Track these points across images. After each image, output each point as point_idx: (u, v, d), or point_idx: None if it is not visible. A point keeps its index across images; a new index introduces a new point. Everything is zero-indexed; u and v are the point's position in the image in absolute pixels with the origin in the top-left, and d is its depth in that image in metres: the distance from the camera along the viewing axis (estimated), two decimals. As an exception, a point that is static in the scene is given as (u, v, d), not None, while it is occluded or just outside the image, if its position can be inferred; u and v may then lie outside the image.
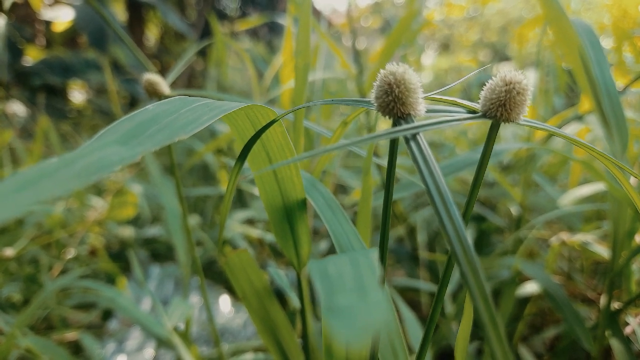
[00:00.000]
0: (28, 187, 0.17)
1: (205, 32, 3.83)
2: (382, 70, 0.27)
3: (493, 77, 0.27)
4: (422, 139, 0.25)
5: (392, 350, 0.33)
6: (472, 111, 0.29)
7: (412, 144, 0.24)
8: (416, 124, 0.25)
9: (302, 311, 0.48)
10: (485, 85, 0.28)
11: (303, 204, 0.41)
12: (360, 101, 0.30)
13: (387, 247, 0.30)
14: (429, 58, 3.18)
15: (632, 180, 0.63)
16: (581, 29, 0.55)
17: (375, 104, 0.27)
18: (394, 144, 0.29)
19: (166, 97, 0.53)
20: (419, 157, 0.24)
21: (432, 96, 0.31)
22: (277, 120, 0.33)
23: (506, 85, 0.26)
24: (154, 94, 0.52)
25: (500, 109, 0.27)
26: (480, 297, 0.20)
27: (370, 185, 0.43)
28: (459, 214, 0.22)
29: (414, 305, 1.07)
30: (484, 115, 0.28)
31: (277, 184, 0.39)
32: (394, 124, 0.27)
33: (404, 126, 0.24)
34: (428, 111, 0.28)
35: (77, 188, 0.18)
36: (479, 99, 0.28)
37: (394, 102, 0.26)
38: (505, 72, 0.27)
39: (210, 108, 0.27)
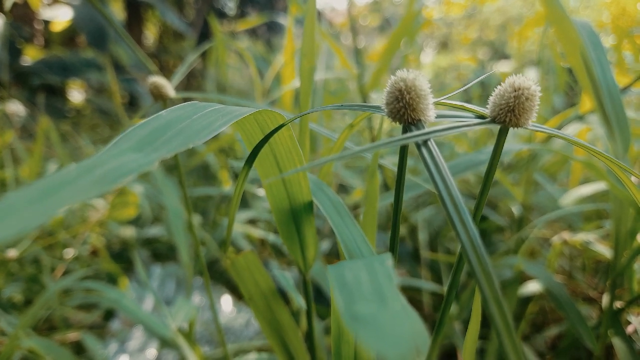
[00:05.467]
0: (51, 195, 0.17)
1: (204, 31, 3.82)
2: (392, 77, 0.27)
3: (502, 83, 0.27)
4: (433, 144, 0.25)
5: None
6: (481, 116, 0.29)
7: (424, 149, 0.25)
8: (427, 130, 0.25)
9: (308, 312, 0.49)
10: (485, 84, 0.28)
11: (310, 206, 0.41)
12: (370, 107, 0.31)
13: (397, 251, 0.30)
14: (428, 56, 3.19)
15: (634, 179, 0.63)
16: (582, 28, 0.55)
17: (386, 110, 0.27)
18: (404, 149, 0.29)
19: (171, 99, 0.54)
20: (431, 163, 0.24)
21: (440, 101, 0.31)
22: (285, 125, 0.33)
23: (515, 91, 0.27)
24: (159, 97, 0.52)
25: (509, 115, 0.27)
26: (494, 301, 0.20)
27: (376, 188, 0.43)
28: (472, 219, 0.22)
29: (416, 304, 1.08)
30: (493, 121, 0.28)
31: (284, 186, 0.40)
32: (404, 130, 0.27)
33: (416, 132, 0.25)
34: (437, 116, 0.29)
35: (98, 195, 0.18)
36: (479, 97, 0.29)
37: (405, 109, 0.26)
38: (514, 78, 0.27)
39: (223, 114, 0.27)
